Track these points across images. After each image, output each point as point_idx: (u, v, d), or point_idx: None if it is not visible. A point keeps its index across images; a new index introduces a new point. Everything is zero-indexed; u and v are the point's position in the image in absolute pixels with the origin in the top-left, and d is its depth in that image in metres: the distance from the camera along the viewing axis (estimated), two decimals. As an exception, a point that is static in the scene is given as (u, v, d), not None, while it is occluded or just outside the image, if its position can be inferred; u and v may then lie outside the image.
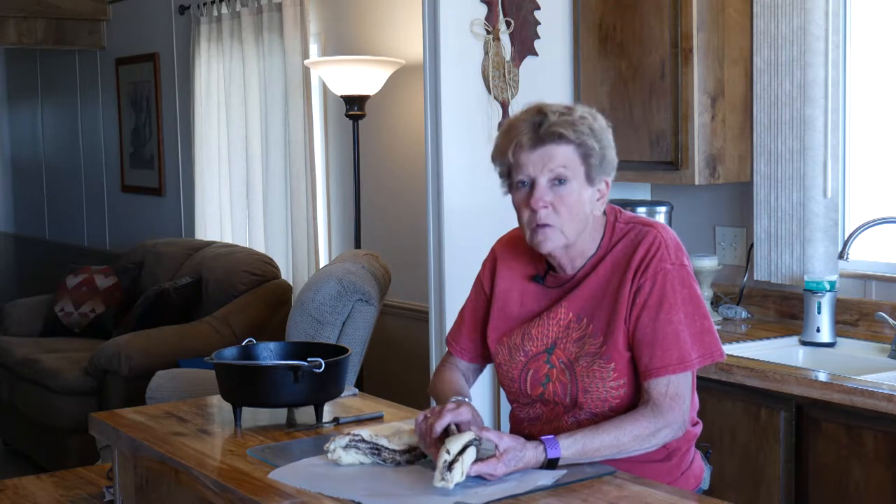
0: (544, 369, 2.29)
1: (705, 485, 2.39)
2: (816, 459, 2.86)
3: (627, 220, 2.30)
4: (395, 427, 2.26)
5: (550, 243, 2.23)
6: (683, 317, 2.19)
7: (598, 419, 2.22)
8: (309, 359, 2.48)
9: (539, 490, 2.02)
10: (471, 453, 2.04)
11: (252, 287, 5.52)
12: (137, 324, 5.49)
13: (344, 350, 2.63)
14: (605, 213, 2.31)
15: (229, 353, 2.65)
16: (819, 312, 3.26)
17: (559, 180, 2.19)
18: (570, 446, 2.12)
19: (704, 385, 3.11)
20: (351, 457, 2.19)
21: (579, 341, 2.25)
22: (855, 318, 3.41)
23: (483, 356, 2.47)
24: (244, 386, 2.50)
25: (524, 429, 2.36)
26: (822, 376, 2.86)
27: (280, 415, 2.57)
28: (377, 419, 2.57)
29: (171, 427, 2.53)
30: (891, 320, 3.17)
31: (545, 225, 2.21)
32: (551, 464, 2.11)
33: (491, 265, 2.43)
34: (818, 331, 3.27)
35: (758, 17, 3.51)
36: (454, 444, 2.04)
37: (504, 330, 2.37)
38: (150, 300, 5.59)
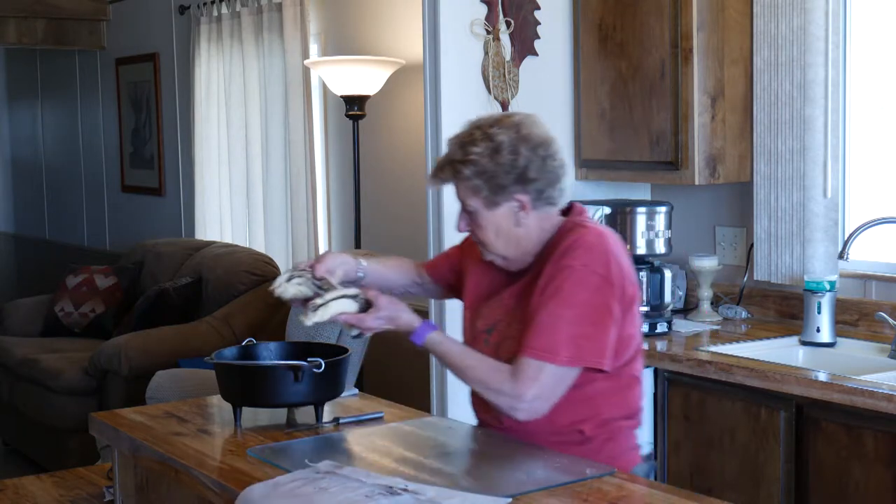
0: (481, 347, 2.38)
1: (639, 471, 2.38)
2: (816, 459, 2.86)
3: (579, 223, 2.35)
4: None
5: (488, 256, 2.41)
6: (571, 315, 2.22)
7: None
8: (309, 359, 2.48)
9: (538, 490, 2.02)
10: (342, 303, 2.25)
11: (252, 287, 5.52)
12: (137, 324, 5.49)
13: (344, 350, 2.63)
14: (569, 213, 2.39)
15: (229, 353, 2.65)
16: (819, 312, 3.26)
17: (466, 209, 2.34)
18: (435, 347, 2.31)
19: (704, 385, 3.12)
20: (294, 289, 2.35)
21: (510, 326, 2.34)
22: (855, 318, 3.41)
23: (446, 287, 2.67)
24: (244, 386, 2.50)
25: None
26: (822, 376, 2.86)
27: (280, 415, 2.57)
28: (377, 419, 2.57)
29: (171, 427, 2.53)
30: (891, 320, 3.17)
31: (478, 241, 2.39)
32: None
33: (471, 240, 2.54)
34: (818, 331, 3.27)
35: (758, 17, 3.51)
36: (330, 293, 2.26)
37: (465, 303, 2.52)
38: (150, 300, 5.59)
